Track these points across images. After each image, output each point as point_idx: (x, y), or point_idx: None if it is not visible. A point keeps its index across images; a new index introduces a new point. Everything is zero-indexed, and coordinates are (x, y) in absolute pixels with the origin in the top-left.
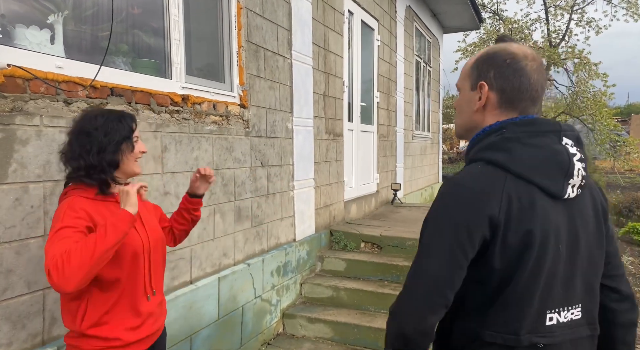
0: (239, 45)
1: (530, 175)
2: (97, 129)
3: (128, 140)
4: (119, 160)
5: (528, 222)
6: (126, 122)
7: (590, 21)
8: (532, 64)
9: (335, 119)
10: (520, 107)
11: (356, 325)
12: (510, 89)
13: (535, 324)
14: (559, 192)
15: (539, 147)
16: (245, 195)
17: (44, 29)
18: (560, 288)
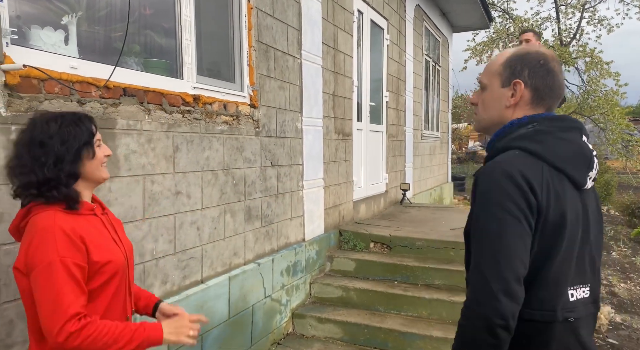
0: (250, 45)
1: (563, 165)
2: (51, 137)
3: (89, 146)
4: (78, 171)
5: (562, 209)
6: (84, 125)
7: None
8: (558, 65)
9: (344, 119)
10: (547, 105)
11: (366, 326)
12: (543, 87)
13: (565, 301)
14: (582, 182)
15: (569, 141)
16: (255, 195)
17: (58, 30)
18: (575, 267)
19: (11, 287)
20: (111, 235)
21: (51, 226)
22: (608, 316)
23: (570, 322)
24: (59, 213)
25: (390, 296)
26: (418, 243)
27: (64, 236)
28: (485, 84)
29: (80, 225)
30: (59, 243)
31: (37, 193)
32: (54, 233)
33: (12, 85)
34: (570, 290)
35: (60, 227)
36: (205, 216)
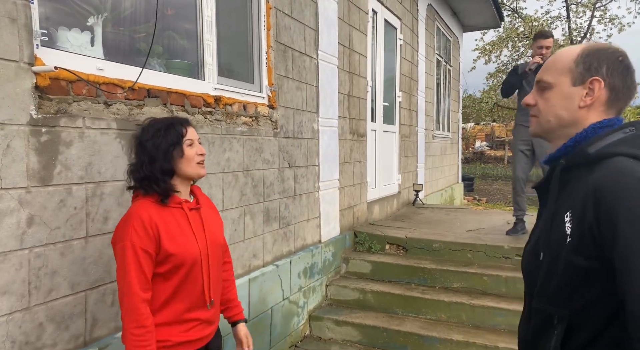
0: (268, 45)
1: None
2: (148, 140)
3: (177, 146)
4: (172, 168)
5: None
6: (175, 129)
7: (613, 18)
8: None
9: (359, 119)
10: (620, 106)
11: (385, 329)
12: (622, 87)
13: None
14: None
15: None
16: (273, 196)
17: (85, 31)
18: None
19: (41, 289)
20: (193, 229)
21: (134, 213)
22: None
23: None
24: (147, 203)
25: (408, 299)
26: (435, 245)
27: (140, 223)
28: (549, 83)
29: (161, 216)
30: (134, 228)
31: (139, 186)
32: (133, 220)
33: (42, 87)
34: None
35: (139, 215)
36: (226, 218)
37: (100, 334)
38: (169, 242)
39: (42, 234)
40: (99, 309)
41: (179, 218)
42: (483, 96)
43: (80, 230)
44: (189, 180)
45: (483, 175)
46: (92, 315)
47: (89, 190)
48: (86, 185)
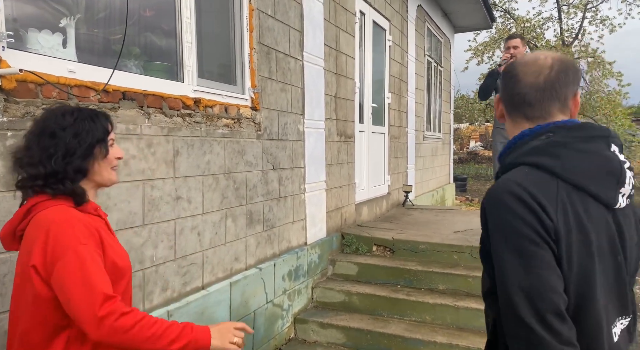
0: (251, 47)
1: (584, 183)
2: (64, 129)
3: (102, 143)
4: (87, 168)
5: (586, 232)
6: (100, 122)
7: (604, 19)
8: (532, 67)
9: (346, 121)
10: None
11: (369, 331)
12: (511, 96)
13: (610, 341)
14: (611, 201)
15: (592, 153)
16: (256, 199)
17: (56, 33)
18: (616, 299)
19: (7, 297)
20: (115, 239)
21: (68, 218)
22: None
23: None
24: (66, 208)
25: (393, 301)
26: (421, 246)
27: (83, 227)
28: None
29: (92, 222)
30: (79, 233)
31: (43, 184)
32: (72, 224)
33: (8, 90)
34: (613, 328)
35: (77, 219)
36: (206, 221)
37: None
38: (111, 251)
39: None
40: None
41: (103, 227)
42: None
43: None
44: (99, 186)
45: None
46: None
47: None
48: None
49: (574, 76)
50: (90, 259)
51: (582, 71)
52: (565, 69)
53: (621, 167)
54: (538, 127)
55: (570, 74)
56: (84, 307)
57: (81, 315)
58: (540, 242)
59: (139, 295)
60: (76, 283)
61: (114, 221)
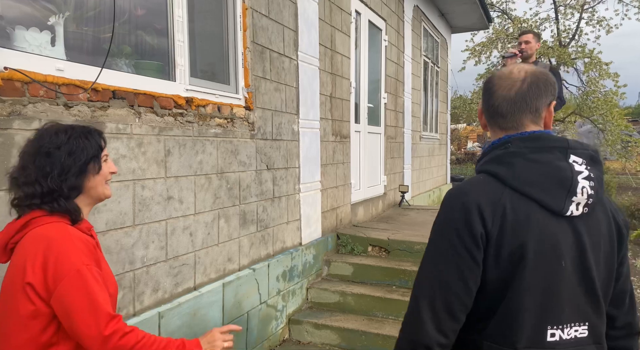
0: (245, 46)
1: (527, 190)
2: (59, 147)
3: (96, 159)
4: (82, 185)
5: (522, 236)
6: (94, 139)
7: (601, 20)
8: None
9: (342, 121)
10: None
11: (364, 332)
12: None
13: (535, 339)
14: (559, 208)
15: (540, 163)
16: (250, 199)
17: (44, 31)
18: (565, 305)
19: None
20: (106, 263)
21: (69, 235)
22: None
23: None
24: (64, 226)
25: (388, 301)
26: (416, 247)
27: (83, 245)
28: None
29: (89, 240)
30: (80, 251)
31: (40, 202)
32: (73, 242)
33: None
34: (551, 330)
35: (77, 237)
36: (198, 221)
37: None
38: (104, 273)
39: None
40: None
41: (96, 247)
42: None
43: None
44: (95, 201)
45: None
46: None
47: None
48: None
49: (545, 88)
50: (93, 278)
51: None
52: (537, 81)
53: (572, 177)
54: (505, 137)
55: (542, 86)
56: (89, 326)
57: (87, 334)
58: (461, 248)
59: (129, 297)
60: (82, 302)
61: (103, 222)
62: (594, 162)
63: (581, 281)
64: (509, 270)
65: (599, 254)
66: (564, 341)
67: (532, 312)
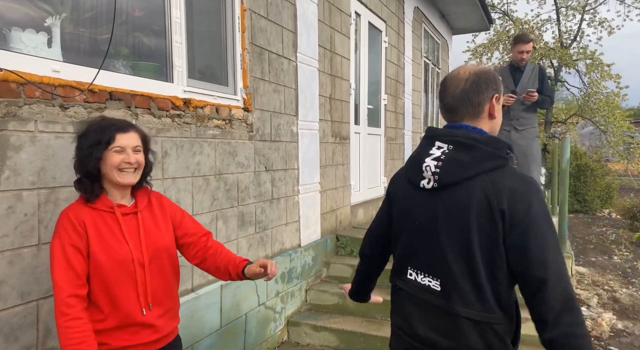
0: (243, 47)
1: (404, 168)
2: (80, 137)
3: (96, 149)
4: (91, 169)
5: (399, 203)
6: (103, 133)
7: (603, 21)
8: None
9: (341, 122)
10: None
11: (363, 334)
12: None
13: (400, 273)
14: (415, 181)
15: (418, 148)
16: (248, 201)
17: (41, 32)
18: (425, 256)
19: None
20: (124, 234)
21: (63, 212)
22: (610, 323)
23: (397, 288)
24: (79, 204)
25: (387, 303)
26: None
27: (67, 220)
28: None
29: (91, 217)
30: (62, 225)
31: (77, 181)
32: (62, 218)
33: None
34: (410, 270)
35: (67, 213)
36: None
37: (54, 344)
38: (97, 244)
39: None
40: (52, 319)
41: (109, 222)
42: None
43: (31, 238)
44: (115, 186)
45: None
46: (44, 325)
47: (41, 196)
48: (38, 190)
49: (486, 85)
50: (59, 252)
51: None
52: (478, 80)
53: (421, 159)
54: None
55: (482, 83)
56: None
57: None
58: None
59: None
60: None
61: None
62: (461, 146)
63: (436, 242)
64: (395, 226)
65: (451, 225)
66: (417, 283)
67: (406, 257)
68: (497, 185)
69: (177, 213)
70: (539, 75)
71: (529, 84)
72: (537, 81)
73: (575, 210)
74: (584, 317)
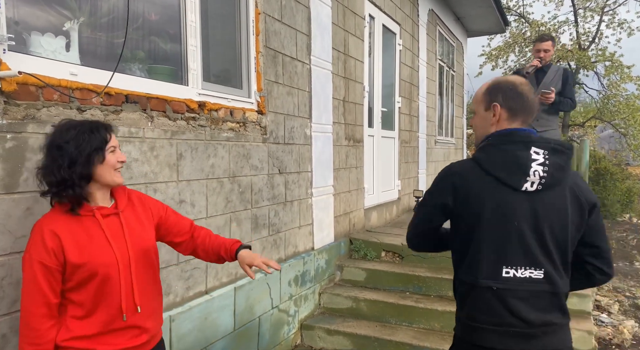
0: (257, 50)
1: (493, 170)
2: (67, 141)
3: (100, 151)
4: (90, 173)
5: (480, 204)
6: (99, 133)
7: (622, 22)
8: (526, 87)
9: (355, 125)
10: (521, 118)
11: (377, 339)
12: (515, 106)
13: (493, 274)
14: (516, 184)
15: (505, 152)
16: (262, 203)
17: (59, 36)
18: (520, 251)
19: (5, 300)
20: (107, 236)
21: (36, 226)
22: (632, 330)
23: (496, 290)
24: (55, 214)
25: (401, 308)
26: (430, 253)
27: (39, 236)
28: (475, 110)
29: (68, 226)
30: (33, 241)
31: (57, 191)
32: (34, 232)
33: (8, 92)
34: (506, 268)
35: (40, 228)
36: (210, 225)
37: None
38: (75, 254)
39: (6, 243)
40: None
41: (90, 227)
42: None
43: None
44: (107, 187)
45: None
46: None
47: None
48: None
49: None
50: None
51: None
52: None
53: (527, 162)
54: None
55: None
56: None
57: None
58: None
59: None
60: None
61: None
62: (555, 152)
63: (536, 238)
64: (470, 227)
65: (552, 221)
66: (518, 278)
67: (488, 255)
68: (577, 183)
69: (160, 209)
70: (562, 76)
71: (552, 84)
72: (561, 83)
73: None
74: None
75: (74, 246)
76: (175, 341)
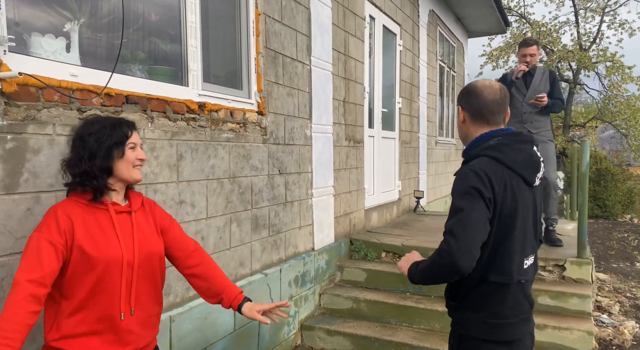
0: (257, 51)
1: (518, 168)
2: (90, 135)
3: (120, 146)
4: (110, 166)
5: (515, 202)
6: (121, 129)
7: (623, 23)
8: (488, 89)
9: (355, 126)
10: (487, 119)
11: (377, 339)
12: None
13: (520, 268)
14: (532, 181)
15: (522, 151)
16: (262, 204)
17: (60, 37)
18: (527, 241)
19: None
20: (117, 232)
21: (50, 209)
22: (632, 331)
23: (522, 283)
24: (70, 201)
25: (401, 308)
26: (431, 253)
27: (53, 217)
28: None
29: (82, 215)
30: (45, 221)
31: (80, 182)
32: (48, 214)
33: (9, 93)
34: (525, 260)
35: (54, 210)
36: (210, 226)
37: None
38: (84, 239)
39: (6, 243)
40: None
41: (102, 220)
42: None
43: None
44: (125, 182)
45: None
46: None
47: (59, 198)
48: (56, 193)
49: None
50: (34, 244)
51: None
52: (505, 92)
53: (538, 160)
54: (491, 132)
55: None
56: None
57: None
58: (479, 197)
59: None
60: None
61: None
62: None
63: (534, 227)
64: (507, 225)
65: (538, 210)
66: (528, 267)
67: (520, 250)
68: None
69: (165, 220)
70: (549, 78)
71: (540, 86)
72: (548, 84)
73: (596, 215)
74: None
75: (85, 233)
76: (175, 341)
